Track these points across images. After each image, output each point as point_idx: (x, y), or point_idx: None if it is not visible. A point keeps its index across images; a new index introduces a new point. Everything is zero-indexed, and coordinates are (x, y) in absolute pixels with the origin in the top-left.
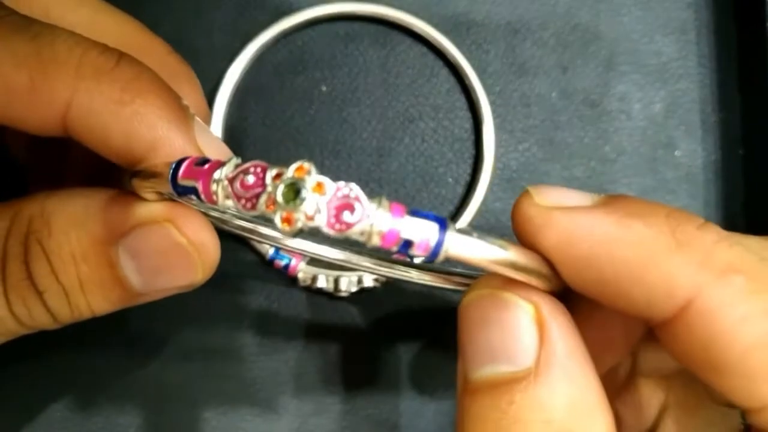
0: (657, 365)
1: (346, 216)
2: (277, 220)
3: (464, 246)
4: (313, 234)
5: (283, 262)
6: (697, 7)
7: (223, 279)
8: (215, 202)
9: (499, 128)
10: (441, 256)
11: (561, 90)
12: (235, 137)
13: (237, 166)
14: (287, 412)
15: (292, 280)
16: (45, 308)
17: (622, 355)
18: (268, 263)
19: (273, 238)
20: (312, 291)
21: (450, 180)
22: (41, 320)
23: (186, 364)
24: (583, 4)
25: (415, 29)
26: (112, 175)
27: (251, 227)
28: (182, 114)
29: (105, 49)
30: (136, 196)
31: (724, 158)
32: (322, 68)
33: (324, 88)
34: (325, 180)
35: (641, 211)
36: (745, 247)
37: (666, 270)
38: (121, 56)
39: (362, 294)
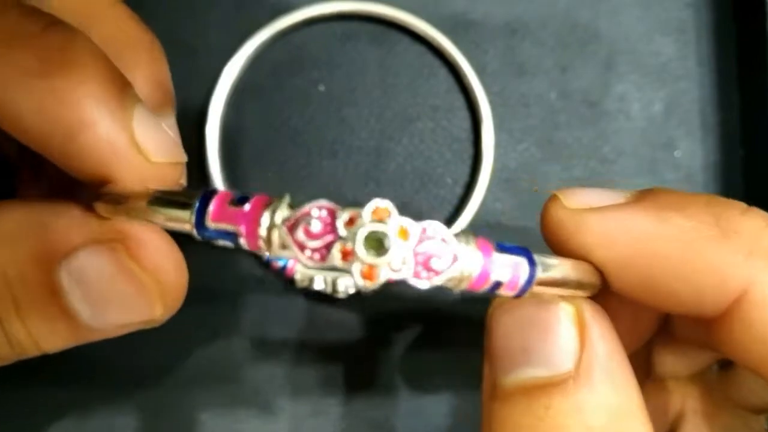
0: (674, 368)
1: (435, 263)
2: (356, 274)
3: (548, 277)
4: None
5: (280, 264)
6: (697, 7)
7: (219, 280)
8: (264, 252)
9: (498, 128)
10: (528, 293)
11: (560, 90)
12: (232, 137)
13: (291, 207)
14: (284, 413)
15: (290, 282)
16: None
17: (631, 349)
18: (265, 264)
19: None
20: (310, 292)
21: (449, 180)
22: None
23: (182, 367)
24: (582, 4)
25: (414, 29)
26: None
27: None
28: (117, 94)
29: (30, 12)
30: (90, 209)
31: (724, 159)
32: (320, 68)
33: (322, 88)
34: (409, 223)
35: (679, 203)
36: None
37: (713, 262)
38: (52, 22)
39: (360, 295)
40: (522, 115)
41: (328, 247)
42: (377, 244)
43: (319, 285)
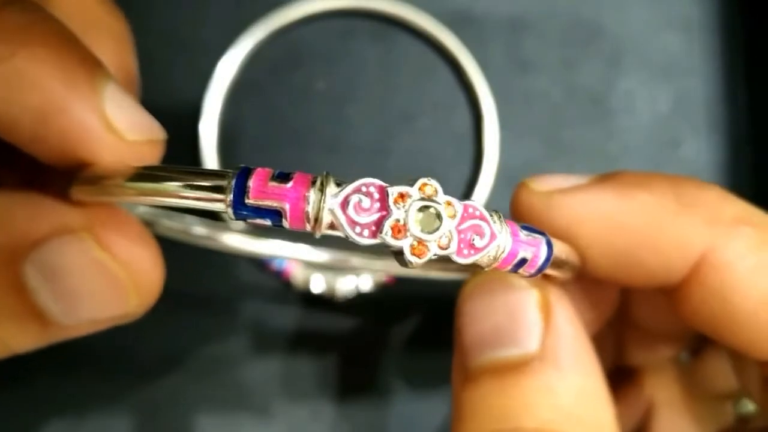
0: (642, 358)
1: (476, 241)
2: (407, 250)
3: (556, 257)
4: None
5: (276, 266)
6: (703, 3)
7: (215, 283)
8: (308, 229)
9: (500, 126)
10: (543, 271)
11: (564, 87)
12: (230, 134)
13: (339, 184)
14: (282, 416)
15: (286, 284)
16: None
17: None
18: (262, 267)
19: (227, 246)
20: (307, 295)
21: (451, 179)
22: None
23: (179, 371)
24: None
25: (415, 25)
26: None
27: (210, 234)
28: (85, 73)
29: None
30: (56, 198)
31: (731, 157)
32: (320, 65)
33: (321, 85)
34: (454, 200)
35: (641, 181)
36: (747, 205)
37: (675, 231)
38: (8, 1)
39: (358, 298)
40: (525, 113)
41: (379, 224)
42: (427, 220)
43: (316, 287)
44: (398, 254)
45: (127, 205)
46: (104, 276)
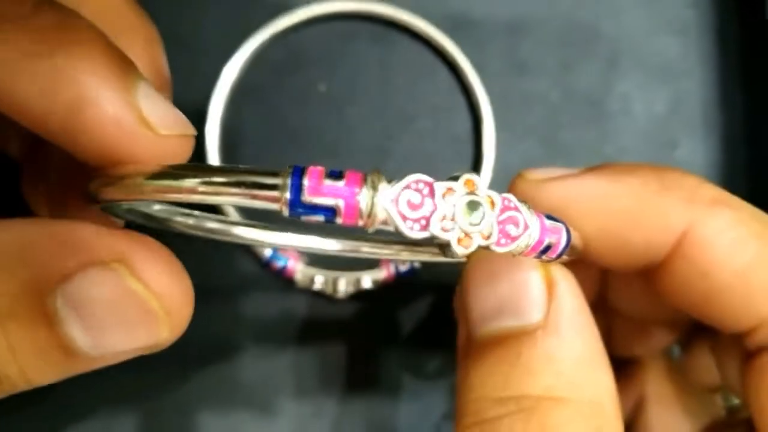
0: (633, 347)
1: (512, 230)
2: (454, 242)
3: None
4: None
5: (280, 264)
6: (699, 6)
7: (218, 281)
8: (360, 225)
9: (499, 128)
10: (562, 256)
11: (562, 89)
12: (231, 137)
13: (388, 181)
14: (285, 414)
15: (289, 282)
16: None
17: None
18: (265, 265)
19: (242, 237)
20: (310, 293)
21: None
22: None
23: (182, 368)
24: (584, 3)
25: (414, 28)
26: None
27: (222, 228)
28: (120, 71)
29: None
30: (86, 226)
31: (727, 159)
32: (320, 67)
33: (322, 88)
34: (493, 193)
35: (627, 168)
36: (724, 190)
37: (658, 210)
38: (39, 2)
39: (360, 296)
40: (523, 115)
41: (428, 218)
42: (472, 213)
43: (319, 285)
44: (444, 246)
45: (142, 204)
46: (137, 307)
